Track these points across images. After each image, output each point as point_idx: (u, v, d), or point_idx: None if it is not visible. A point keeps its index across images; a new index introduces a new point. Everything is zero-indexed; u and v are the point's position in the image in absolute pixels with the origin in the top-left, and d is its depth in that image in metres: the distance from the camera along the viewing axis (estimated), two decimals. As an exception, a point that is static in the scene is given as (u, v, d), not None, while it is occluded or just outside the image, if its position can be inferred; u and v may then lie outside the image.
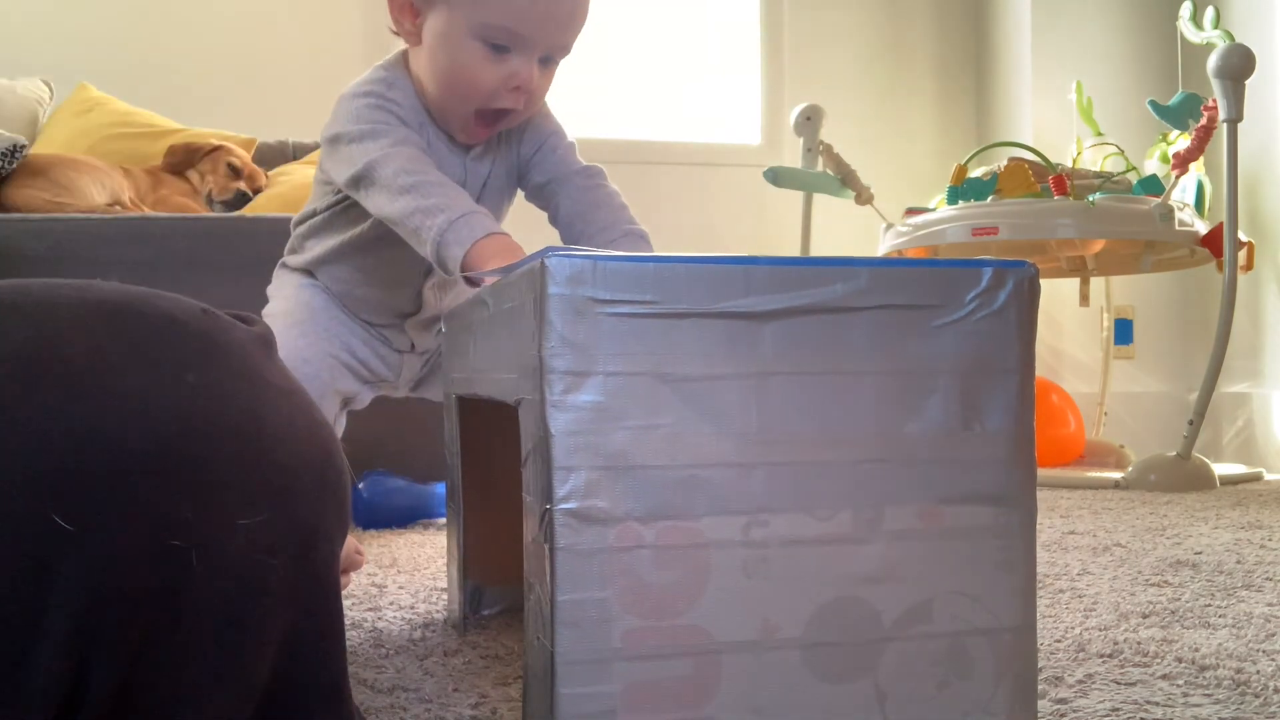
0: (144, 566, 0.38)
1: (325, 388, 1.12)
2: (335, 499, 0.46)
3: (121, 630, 0.38)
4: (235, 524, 0.40)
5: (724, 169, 3.01)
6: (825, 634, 0.56)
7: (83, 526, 0.37)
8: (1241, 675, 0.80)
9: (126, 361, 0.39)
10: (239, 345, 0.43)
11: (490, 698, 0.76)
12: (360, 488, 1.70)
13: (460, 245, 0.93)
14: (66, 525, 0.36)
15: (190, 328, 0.42)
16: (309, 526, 0.44)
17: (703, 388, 0.54)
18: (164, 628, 0.39)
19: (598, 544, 0.52)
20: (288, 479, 0.43)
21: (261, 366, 0.44)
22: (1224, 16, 2.64)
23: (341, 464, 0.47)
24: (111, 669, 0.38)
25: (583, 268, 0.53)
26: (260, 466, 0.41)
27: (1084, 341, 2.90)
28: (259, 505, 0.41)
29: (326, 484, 0.45)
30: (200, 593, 0.40)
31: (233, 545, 0.40)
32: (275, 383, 0.44)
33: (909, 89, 3.15)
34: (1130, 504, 1.90)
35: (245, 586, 0.41)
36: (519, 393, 0.58)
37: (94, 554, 0.37)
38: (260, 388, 0.43)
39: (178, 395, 0.39)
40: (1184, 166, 2.18)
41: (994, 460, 0.58)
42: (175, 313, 0.42)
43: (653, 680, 0.53)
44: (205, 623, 0.40)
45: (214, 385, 0.41)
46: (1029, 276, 0.59)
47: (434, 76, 1.05)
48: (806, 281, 0.55)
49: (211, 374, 0.41)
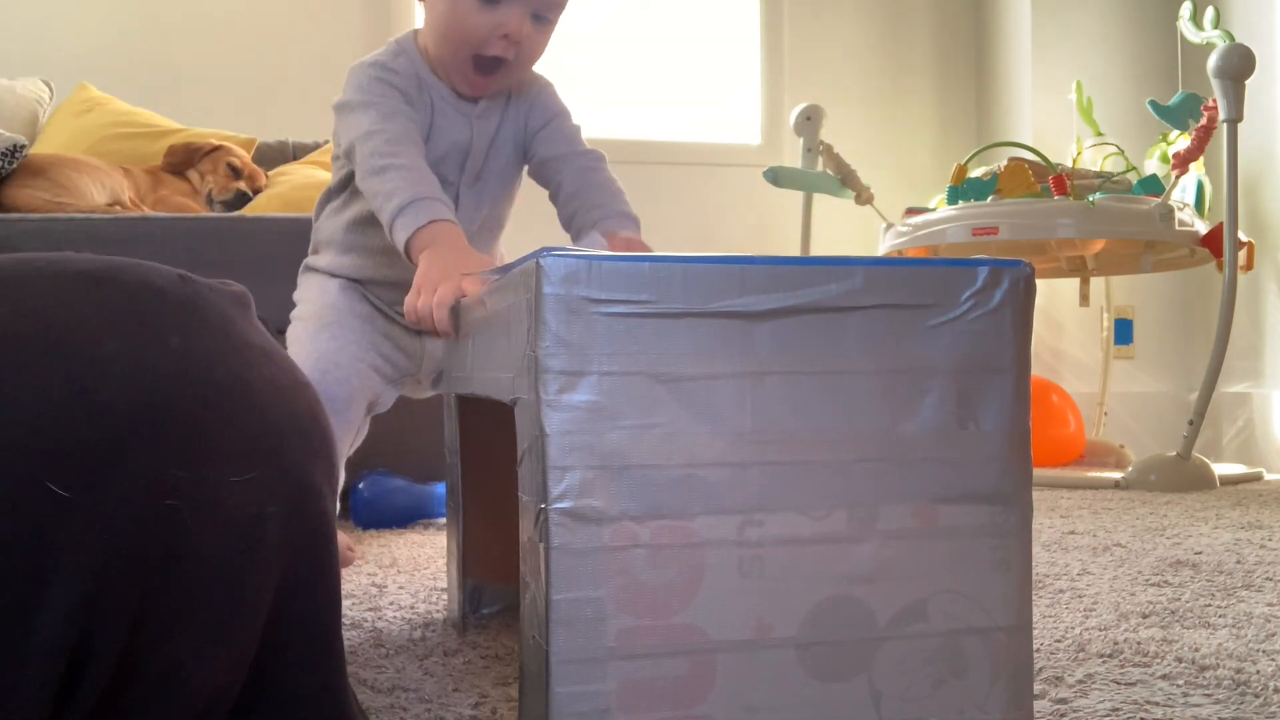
0: (141, 529, 0.38)
1: (355, 392, 1.13)
2: (323, 454, 0.46)
3: (123, 595, 0.38)
4: (227, 481, 0.41)
5: (724, 169, 3.01)
6: (820, 633, 0.56)
7: (79, 493, 0.37)
8: (1241, 675, 0.80)
9: (108, 328, 0.40)
10: (218, 307, 0.44)
11: (490, 697, 0.76)
12: (360, 488, 1.70)
13: (405, 230, 0.98)
14: (64, 493, 0.36)
15: (168, 293, 0.42)
16: (299, 481, 0.44)
17: (698, 387, 0.54)
18: (164, 589, 0.39)
19: (593, 543, 0.52)
20: (275, 436, 0.43)
21: (242, 327, 0.44)
22: (1224, 16, 2.64)
23: (326, 423, 0.47)
24: (115, 635, 0.38)
25: (578, 267, 0.53)
26: (248, 424, 0.42)
27: (1084, 341, 2.89)
28: (250, 462, 0.41)
29: (313, 440, 0.45)
30: (197, 552, 0.40)
31: (226, 503, 0.41)
32: (256, 343, 0.44)
33: (909, 89, 3.15)
34: (1130, 504, 1.90)
35: (240, 543, 0.41)
36: (515, 392, 0.58)
37: (92, 520, 0.37)
38: (242, 348, 0.43)
39: (162, 358, 0.40)
40: (1184, 166, 2.18)
41: (989, 459, 0.58)
42: (152, 278, 0.42)
43: (648, 679, 0.53)
44: (203, 582, 0.40)
45: (197, 347, 0.41)
46: (1024, 276, 0.59)
47: (433, 30, 1.11)
48: (802, 281, 0.56)
49: (194, 336, 0.41)
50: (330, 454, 0.47)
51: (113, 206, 2.00)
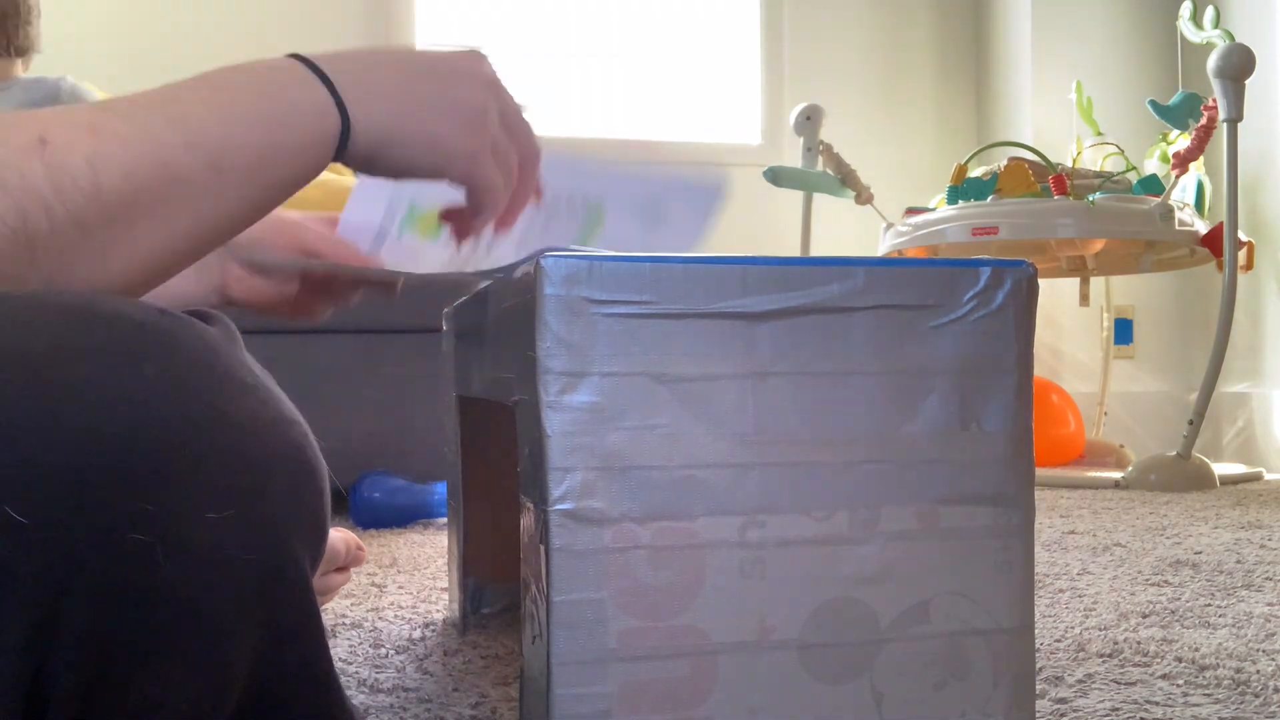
0: (105, 561, 0.37)
1: None
2: (306, 497, 0.44)
3: (83, 628, 0.37)
4: (202, 518, 0.39)
5: (724, 169, 3.01)
6: (822, 635, 0.56)
7: (39, 521, 0.36)
8: (1241, 675, 0.80)
9: (81, 356, 0.39)
10: (199, 339, 0.42)
11: (490, 698, 0.76)
12: (360, 488, 1.70)
13: None
14: (21, 519, 0.35)
15: (148, 324, 0.41)
16: (280, 524, 0.42)
17: (699, 388, 0.54)
18: (130, 624, 0.38)
19: (594, 544, 0.52)
20: (255, 476, 0.41)
21: (225, 361, 0.43)
22: (1224, 16, 2.64)
23: (315, 462, 0.45)
24: (75, 668, 0.37)
25: (578, 268, 0.53)
26: (227, 460, 0.40)
27: (1084, 341, 2.89)
28: (226, 501, 0.40)
29: (296, 481, 0.43)
30: (168, 587, 0.39)
31: (199, 541, 0.39)
32: (239, 377, 0.43)
33: (909, 89, 3.15)
34: (1130, 504, 1.90)
35: (214, 583, 0.40)
36: (515, 393, 0.58)
37: (51, 550, 0.36)
38: (224, 381, 0.42)
39: (136, 387, 0.39)
40: (1184, 166, 2.18)
41: (992, 460, 0.58)
42: (131, 311, 0.41)
43: (649, 681, 0.53)
44: (175, 618, 0.39)
45: (174, 378, 0.40)
46: (1027, 276, 0.59)
47: None
48: (803, 281, 0.55)
49: (171, 367, 0.40)
50: (315, 491, 0.45)
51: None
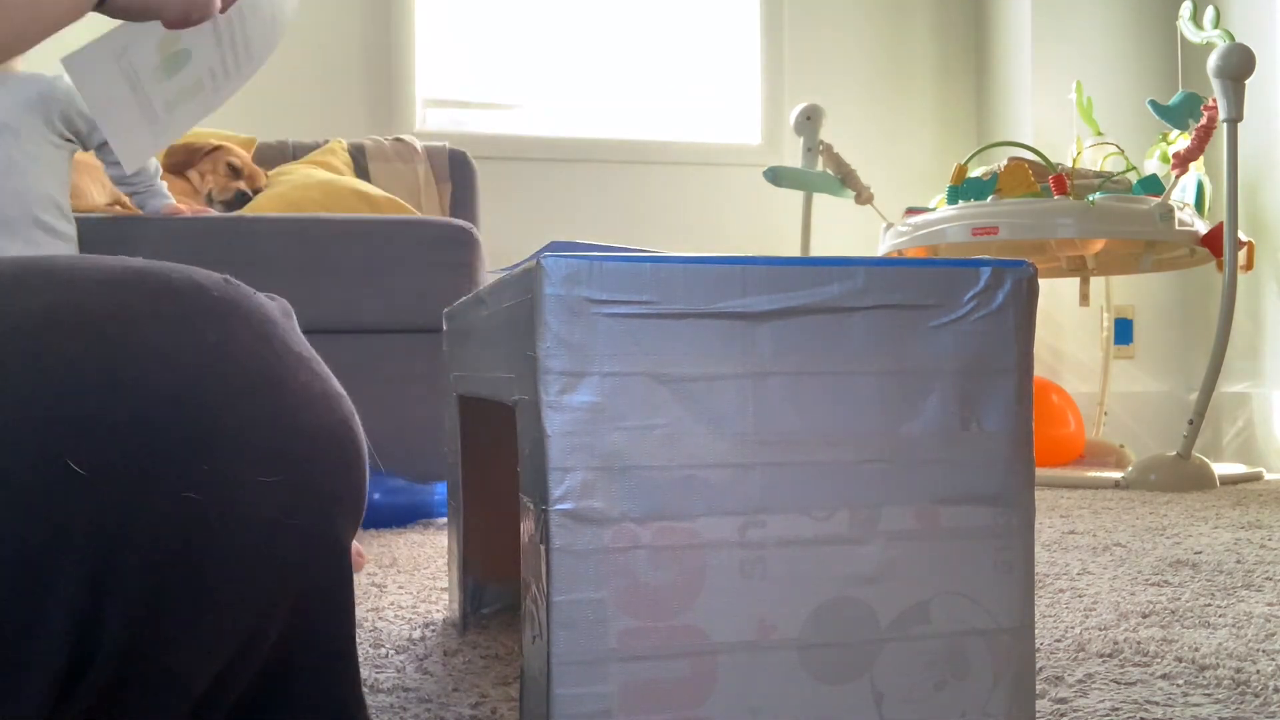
0: (158, 516, 0.38)
1: None
2: (353, 470, 0.46)
3: (134, 581, 0.38)
4: (252, 482, 0.40)
5: (724, 169, 3.01)
6: (822, 634, 0.56)
7: (97, 473, 0.37)
8: (1241, 675, 0.80)
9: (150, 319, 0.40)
10: (260, 310, 0.44)
11: (490, 698, 0.76)
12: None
13: None
14: (79, 470, 0.36)
15: (213, 291, 0.42)
16: (326, 494, 0.44)
17: (699, 388, 0.54)
18: (178, 582, 0.39)
19: (594, 544, 0.52)
20: (306, 444, 0.43)
21: (283, 331, 0.44)
22: (1224, 16, 2.64)
23: (360, 438, 0.46)
24: (124, 621, 0.38)
25: (579, 268, 0.53)
26: (279, 427, 0.42)
27: (1084, 341, 2.89)
28: (277, 467, 0.41)
29: (344, 454, 0.45)
30: (215, 548, 0.40)
31: (248, 504, 0.40)
32: (296, 349, 0.44)
33: (909, 89, 3.15)
34: (1130, 504, 1.90)
35: (260, 546, 0.41)
36: (516, 393, 0.58)
37: (107, 501, 0.37)
38: (281, 352, 0.43)
39: (198, 351, 0.40)
40: (1184, 166, 2.18)
41: (992, 460, 0.58)
42: (198, 277, 0.43)
43: (649, 680, 0.53)
44: (219, 580, 0.40)
45: (235, 345, 0.41)
46: (1027, 276, 0.59)
47: None
48: (803, 281, 0.55)
49: (232, 334, 0.41)
50: (360, 468, 0.47)
51: (113, 206, 2.00)
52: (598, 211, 2.92)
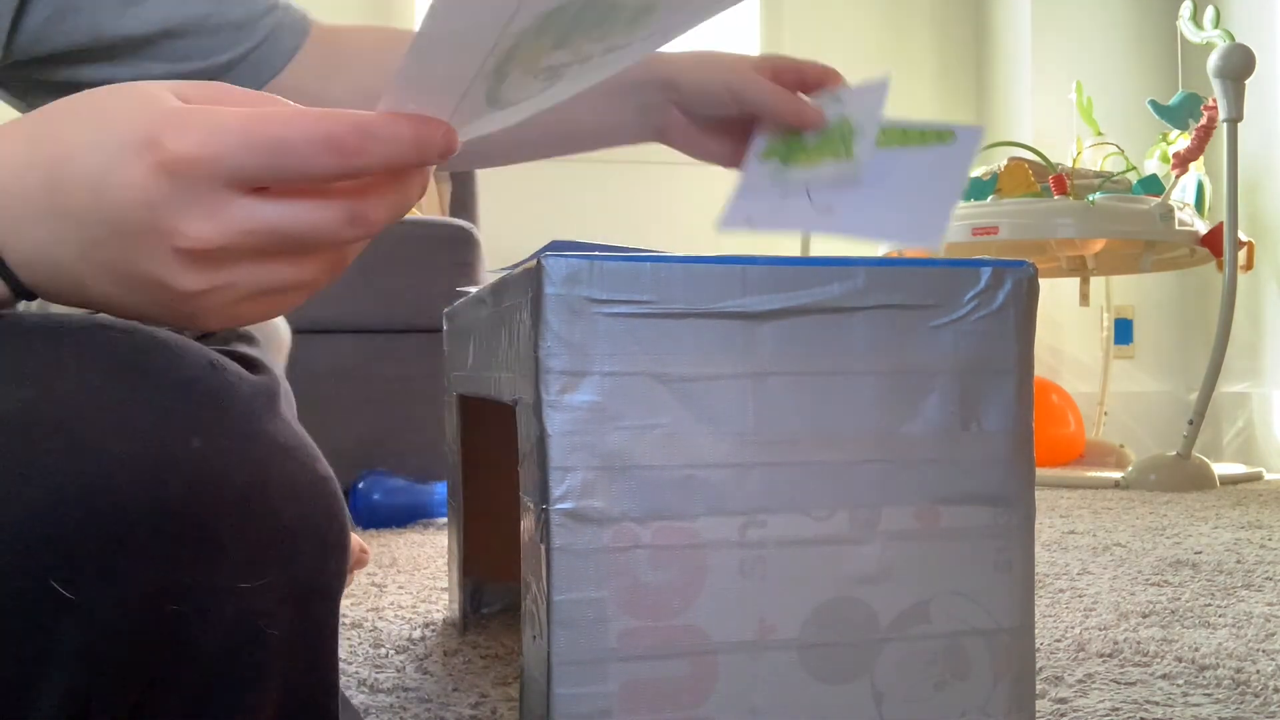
0: (142, 632, 0.38)
1: None
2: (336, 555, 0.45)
3: (116, 696, 0.38)
4: (236, 588, 0.40)
5: (724, 169, 3.01)
6: (822, 634, 0.56)
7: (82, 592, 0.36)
8: (1241, 675, 0.80)
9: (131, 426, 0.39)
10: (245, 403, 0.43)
11: (490, 697, 0.76)
12: (360, 488, 1.70)
13: None
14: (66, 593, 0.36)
15: (198, 388, 0.41)
16: (310, 585, 0.44)
17: (700, 388, 0.54)
18: (160, 689, 0.39)
19: (594, 544, 0.52)
20: (290, 541, 0.42)
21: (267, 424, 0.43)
22: (1224, 16, 2.64)
23: (344, 519, 0.46)
24: None
25: (579, 267, 0.53)
26: (263, 529, 0.41)
27: (1084, 341, 2.89)
28: (260, 569, 0.41)
29: (328, 542, 0.45)
30: (198, 654, 0.40)
31: (233, 607, 0.40)
32: (280, 441, 0.43)
33: (909, 89, 3.15)
34: (1130, 504, 1.90)
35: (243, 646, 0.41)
36: (516, 392, 0.58)
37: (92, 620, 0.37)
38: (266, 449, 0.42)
39: (181, 461, 0.39)
40: (1184, 166, 2.18)
41: (992, 460, 0.58)
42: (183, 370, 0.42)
43: (649, 680, 0.53)
44: (202, 682, 0.40)
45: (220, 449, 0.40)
46: (1028, 276, 0.59)
47: None
48: (804, 281, 0.55)
49: (218, 437, 0.40)
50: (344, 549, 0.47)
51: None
52: (598, 211, 2.92)
